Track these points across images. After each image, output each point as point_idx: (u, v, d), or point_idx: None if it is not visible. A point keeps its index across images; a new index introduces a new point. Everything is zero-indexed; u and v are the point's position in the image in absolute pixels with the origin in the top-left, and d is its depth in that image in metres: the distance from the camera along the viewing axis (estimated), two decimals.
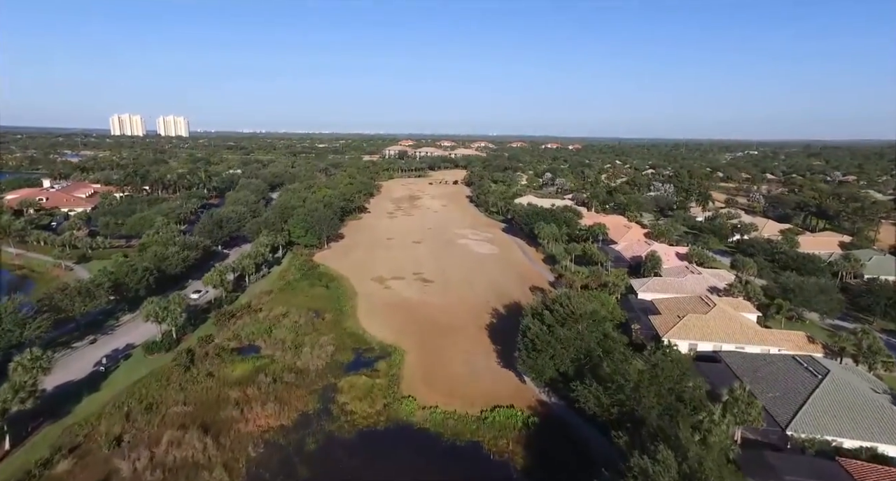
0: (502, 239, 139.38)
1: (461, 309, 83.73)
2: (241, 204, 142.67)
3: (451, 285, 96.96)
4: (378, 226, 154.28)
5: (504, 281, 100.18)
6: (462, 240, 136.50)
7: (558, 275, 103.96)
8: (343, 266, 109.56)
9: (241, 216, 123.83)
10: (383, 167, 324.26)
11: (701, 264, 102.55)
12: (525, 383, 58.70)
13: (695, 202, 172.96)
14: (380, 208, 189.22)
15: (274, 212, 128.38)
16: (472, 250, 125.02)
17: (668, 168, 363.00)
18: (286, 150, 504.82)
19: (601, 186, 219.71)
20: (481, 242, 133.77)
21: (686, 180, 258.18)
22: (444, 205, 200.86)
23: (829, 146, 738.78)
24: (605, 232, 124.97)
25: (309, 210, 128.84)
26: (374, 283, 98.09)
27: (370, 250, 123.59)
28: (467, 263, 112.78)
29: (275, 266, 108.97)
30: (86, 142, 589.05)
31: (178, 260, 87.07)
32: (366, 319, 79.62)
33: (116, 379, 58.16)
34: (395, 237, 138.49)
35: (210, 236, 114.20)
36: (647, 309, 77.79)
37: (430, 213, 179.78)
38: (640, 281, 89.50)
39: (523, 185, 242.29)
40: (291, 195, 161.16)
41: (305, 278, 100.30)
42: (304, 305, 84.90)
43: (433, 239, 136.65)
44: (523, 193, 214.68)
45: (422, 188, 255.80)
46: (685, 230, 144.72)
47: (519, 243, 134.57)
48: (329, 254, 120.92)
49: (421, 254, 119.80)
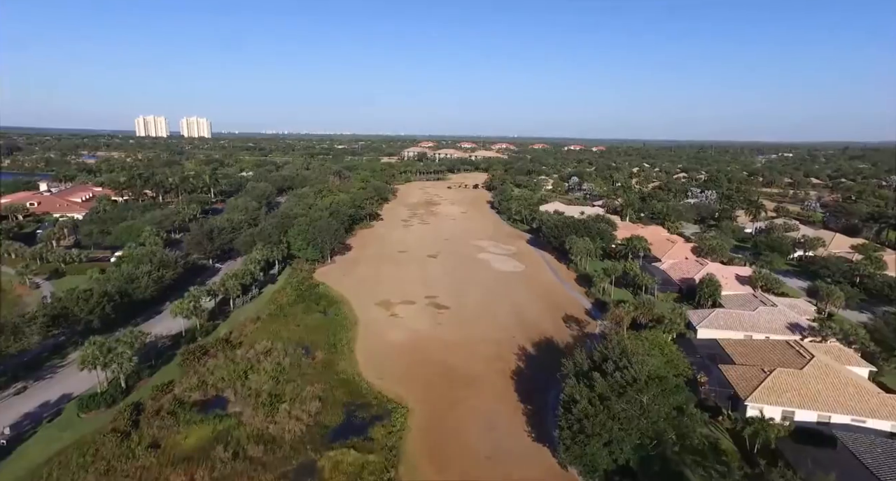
0: (527, 252, 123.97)
1: (481, 347, 68.86)
2: (240, 211, 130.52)
3: (469, 313, 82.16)
4: (390, 237, 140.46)
5: (532, 308, 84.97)
6: (482, 253, 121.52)
7: (595, 300, 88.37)
8: (346, 285, 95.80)
9: (236, 226, 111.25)
10: (401, 169, 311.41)
11: (767, 290, 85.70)
12: (567, 470, 43.60)
13: (743, 211, 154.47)
14: (394, 215, 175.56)
15: (272, 221, 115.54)
16: (493, 267, 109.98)
17: (701, 171, 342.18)
18: (304, 152, 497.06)
19: (633, 192, 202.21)
20: (504, 257, 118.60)
21: (724, 185, 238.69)
22: (464, 211, 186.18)
23: (868, 148, 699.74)
24: (646, 247, 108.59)
25: (312, 219, 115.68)
26: (380, 309, 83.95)
27: (378, 266, 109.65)
28: (488, 284, 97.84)
29: (269, 285, 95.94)
30: (108, 143, 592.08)
31: (149, 282, 74.22)
32: (364, 359, 65.45)
33: (25, 455, 44.56)
34: (407, 250, 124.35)
35: (199, 249, 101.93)
36: (715, 354, 61.73)
37: (448, 221, 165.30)
38: (699, 313, 73.30)
39: (548, 190, 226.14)
40: (297, 201, 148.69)
41: (301, 301, 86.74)
42: (294, 338, 71.17)
43: (450, 252, 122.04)
44: (548, 199, 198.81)
45: (440, 192, 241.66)
46: (734, 244, 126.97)
47: (546, 258, 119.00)
48: (332, 269, 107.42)
49: (435, 272, 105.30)
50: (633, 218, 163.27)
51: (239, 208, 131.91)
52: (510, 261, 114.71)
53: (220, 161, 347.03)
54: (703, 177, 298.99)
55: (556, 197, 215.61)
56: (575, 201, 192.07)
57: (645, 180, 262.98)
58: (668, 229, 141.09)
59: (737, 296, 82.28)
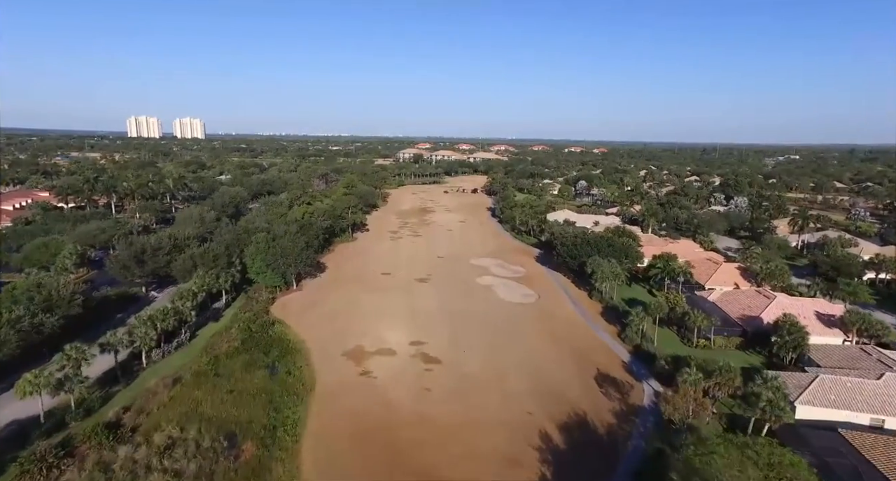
0: (539, 275, 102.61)
1: (485, 437, 47.34)
2: (193, 223, 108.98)
3: (468, 371, 60.73)
4: (374, 253, 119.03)
5: (553, 360, 63.61)
6: (484, 276, 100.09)
7: (635, 348, 67.18)
8: (309, 324, 74.37)
9: (179, 243, 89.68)
10: (394, 172, 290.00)
11: (868, 336, 64.50)
12: None
13: (788, 223, 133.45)
14: (382, 225, 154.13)
15: (226, 238, 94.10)
16: (499, 296, 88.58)
17: (714, 174, 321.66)
18: (296, 153, 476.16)
19: (651, 198, 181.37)
20: (511, 282, 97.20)
21: (746, 190, 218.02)
22: (462, 220, 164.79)
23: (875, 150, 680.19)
24: (688, 271, 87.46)
25: (275, 235, 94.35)
26: (348, 364, 62.54)
27: (355, 295, 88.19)
28: (493, 321, 76.50)
29: (210, 323, 74.53)
30: (93, 143, 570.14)
31: (10, 335, 52.22)
32: (312, 462, 44.01)
33: None
34: (393, 271, 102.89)
35: (126, 274, 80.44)
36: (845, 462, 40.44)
37: (444, 233, 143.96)
38: (793, 379, 51.92)
39: (555, 196, 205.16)
40: (266, 210, 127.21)
41: (246, 350, 65.18)
42: (220, 417, 49.70)
43: (445, 275, 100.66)
44: (556, 206, 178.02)
45: (436, 197, 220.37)
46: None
47: (561, 282, 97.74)
48: (297, 299, 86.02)
49: (425, 304, 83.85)
50: (656, 229, 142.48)
51: (192, 219, 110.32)
52: (519, 288, 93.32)
53: (202, 163, 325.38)
54: (716, 181, 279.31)
55: (565, 203, 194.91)
56: (585, 209, 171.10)
57: (658, 184, 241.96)
58: (702, 244, 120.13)
59: (829, 346, 61.14)
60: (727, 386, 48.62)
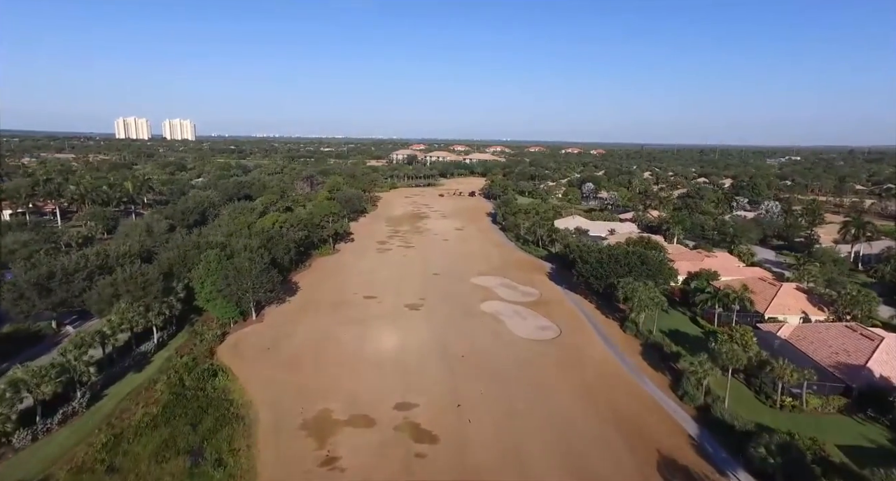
0: (554, 298, 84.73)
1: None
2: (137, 235, 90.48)
3: (475, 458, 42.77)
4: (358, 269, 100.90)
5: (592, 435, 45.69)
6: (489, 300, 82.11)
7: (700, 412, 49.50)
8: (263, 375, 56.22)
9: (102, 265, 71.20)
10: (386, 174, 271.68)
11: None
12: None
13: (839, 231, 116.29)
14: (369, 233, 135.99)
15: (169, 256, 75.81)
16: (509, 329, 70.62)
17: (721, 175, 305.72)
18: (286, 155, 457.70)
19: (669, 202, 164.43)
20: (522, 309, 79.27)
21: (764, 192, 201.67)
22: (459, 228, 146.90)
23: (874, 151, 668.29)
24: (747, 298, 69.91)
25: (234, 250, 76.20)
26: (306, 443, 44.42)
27: (329, 328, 70.05)
28: (505, 369, 58.61)
29: (131, 373, 56.28)
30: (73, 144, 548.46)
31: None
32: None
33: None
34: (379, 293, 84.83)
35: (23, 306, 61.98)
36: None
37: (439, 243, 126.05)
38: None
39: (562, 200, 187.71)
40: (231, 219, 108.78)
41: (164, 421, 46.91)
42: None
43: (441, 299, 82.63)
44: (562, 210, 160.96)
45: (430, 201, 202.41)
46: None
47: (584, 308, 79.99)
48: (254, 335, 67.79)
49: (417, 342, 65.82)
50: (680, 238, 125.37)
51: (138, 231, 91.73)
52: (533, 317, 75.37)
53: (183, 165, 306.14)
54: (726, 183, 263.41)
55: (572, 207, 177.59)
56: (597, 215, 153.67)
57: (671, 186, 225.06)
58: (740, 257, 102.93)
59: None
60: None
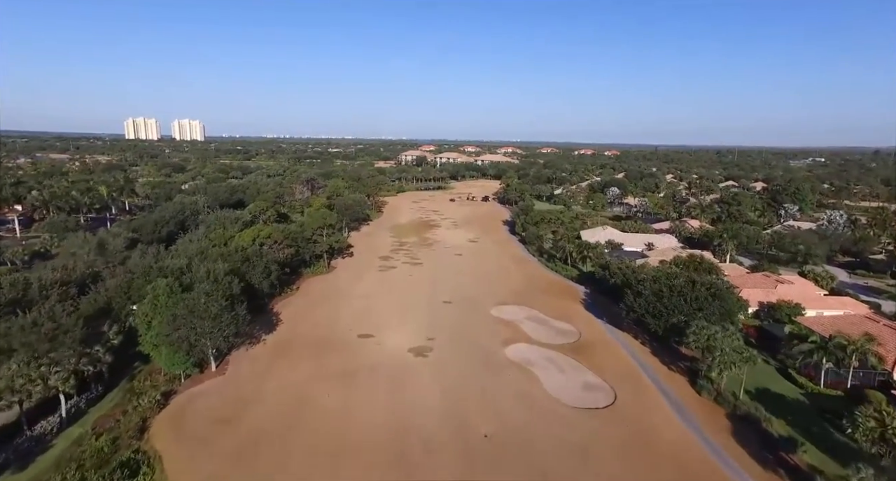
0: (598, 339, 67.14)
1: None
2: (88, 253, 74.58)
3: None
4: (353, 294, 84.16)
5: None
6: (516, 344, 64.63)
7: None
8: (203, 473, 39.62)
9: (19, 296, 55.23)
10: (393, 176, 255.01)
11: None
12: None
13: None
14: (370, 247, 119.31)
15: (115, 283, 59.80)
16: (546, 391, 53.09)
17: (750, 178, 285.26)
18: (292, 155, 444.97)
19: (710, 209, 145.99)
20: (559, 355, 61.83)
21: (809, 197, 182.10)
22: (473, 240, 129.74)
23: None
24: (872, 352, 51.97)
25: (194, 280, 60.00)
26: None
27: (307, 387, 53.21)
28: (547, 460, 41.36)
29: (9, 472, 40.07)
30: (78, 145, 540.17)
31: None
32: None
33: None
34: (377, 329, 67.95)
35: None
36: None
37: (450, 259, 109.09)
38: None
39: (586, 206, 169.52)
40: (206, 233, 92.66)
41: None
42: None
43: (454, 340, 65.50)
44: (587, 218, 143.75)
45: (441, 207, 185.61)
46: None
47: (638, 355, 62.42)
48: (209, 397, 51.18)
49: (424, 412, 48.73)
50: (732, 254, 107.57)
51: (86, 248, 75.72)
52: (575, 370, 57.87)
53: (181, 166, 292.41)
54: (756, 187, 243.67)
55: (597, 215, 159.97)
56: (630, 226, 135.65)
57: (705, 191, 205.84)
58: (817, 282, 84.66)
59: None
60: None
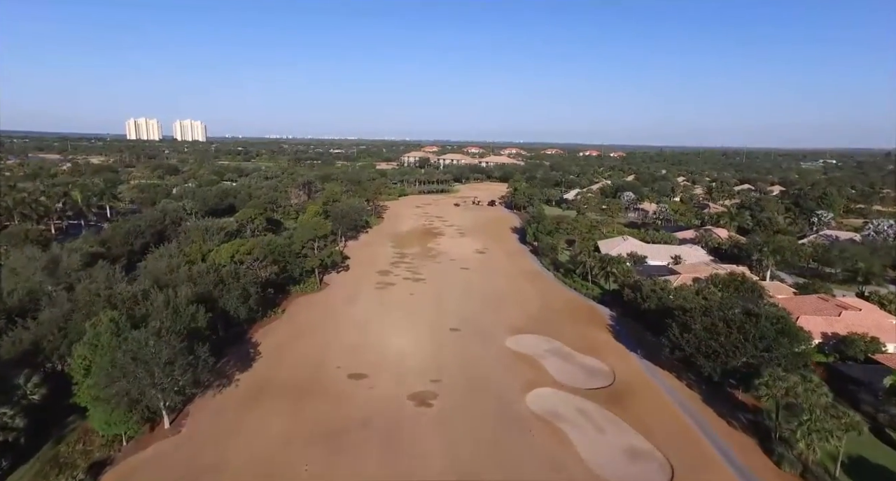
0: (638, 384, 55.85)
1: None
2: (31, 274, 63.83)
3: None
4: (345, 320, 73.15)
5: None
6: (538, 390, 53.49)
7: None
8: None
9: None
10: (395, 178, 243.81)
11: None
12: None
13: None
14: (368, 259, 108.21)
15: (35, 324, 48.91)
16: (583, 463, 41.92)
17: (766, 181, 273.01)
18: (293, 156, 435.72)
19: (741, 217, 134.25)
20: (591, 405, 50.66)
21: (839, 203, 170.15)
22: (481, 251, 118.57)
23: None
24: None
25: (148, 312, 49.16)
26: None
27: (281, 452, 42.23)
28: None
29: None
30: (76, 145, 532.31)
31: None
32: None
33: None
34: (372, 368, 56.85)
35: None
36: None
37: (456, 274, 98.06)
38: None
39: (600, 212, 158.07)
40: (179, 248, 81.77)
41: None
42: None
43: (464, 383, 54.35)
44: (603, 225, 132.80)
45: (444, 212, 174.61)
46: None
47: (688, 404, 51.20)
48: (156, 462, 40.19)
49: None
50: (773, 269, 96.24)
51: (31, 269, 64.90)
52: (615, 427, 46.64)
53: (175, 168, 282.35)
54: (774, 190, 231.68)
55: (613, 221, 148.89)
56: (653, 236, 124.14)
57: (726, 195, 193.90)
58: (884, 306, 73.11)
59: None
60: None
